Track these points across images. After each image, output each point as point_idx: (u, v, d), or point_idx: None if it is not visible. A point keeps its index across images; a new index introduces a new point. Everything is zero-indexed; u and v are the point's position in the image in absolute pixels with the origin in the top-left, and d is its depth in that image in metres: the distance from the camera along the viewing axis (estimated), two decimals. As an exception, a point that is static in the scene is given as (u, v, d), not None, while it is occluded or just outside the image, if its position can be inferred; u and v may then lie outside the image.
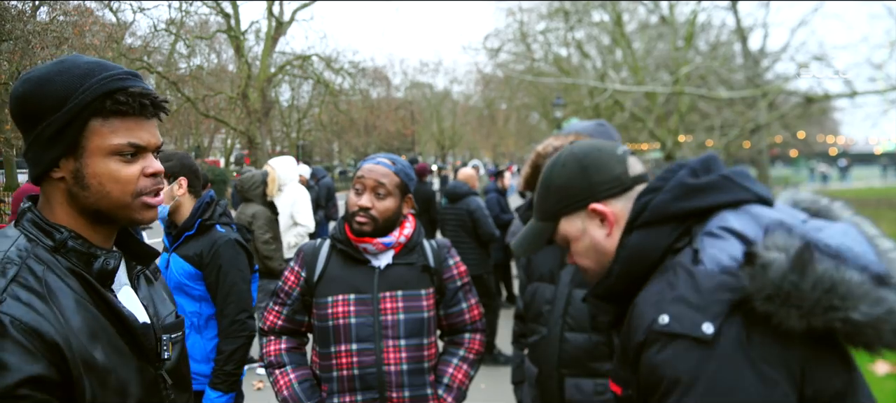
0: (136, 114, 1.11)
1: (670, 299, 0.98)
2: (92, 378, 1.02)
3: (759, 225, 1.02)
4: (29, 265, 1.03)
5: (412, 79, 41.54)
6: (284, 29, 25.86)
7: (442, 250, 2.21)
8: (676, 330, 0.95)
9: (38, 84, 1.08)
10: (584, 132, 2.11)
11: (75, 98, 1.06)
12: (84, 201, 1.10)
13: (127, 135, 1.10)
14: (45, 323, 0.98)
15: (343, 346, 2.05)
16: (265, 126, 26.36)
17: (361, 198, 2.07)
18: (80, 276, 1.07)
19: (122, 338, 1.10)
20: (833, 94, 13.86)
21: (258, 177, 5.78)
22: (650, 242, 1.09)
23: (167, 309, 1.29)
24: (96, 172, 1.09)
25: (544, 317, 2.07)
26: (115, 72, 1.10)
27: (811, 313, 0.90)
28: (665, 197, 1.10)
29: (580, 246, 1.24)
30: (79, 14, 16.57)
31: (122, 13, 21.22)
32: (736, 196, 1.08)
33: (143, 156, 1.13)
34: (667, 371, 0.94)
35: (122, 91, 1.08)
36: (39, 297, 1.00)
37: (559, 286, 2.05)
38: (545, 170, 1.31)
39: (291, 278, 2.18)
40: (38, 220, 1.10)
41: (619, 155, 1.26)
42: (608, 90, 16.81)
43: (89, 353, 1.02)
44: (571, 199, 1.23)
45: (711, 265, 0.99)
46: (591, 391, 1.98)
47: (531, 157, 2.16)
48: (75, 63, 1.10)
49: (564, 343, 2.00)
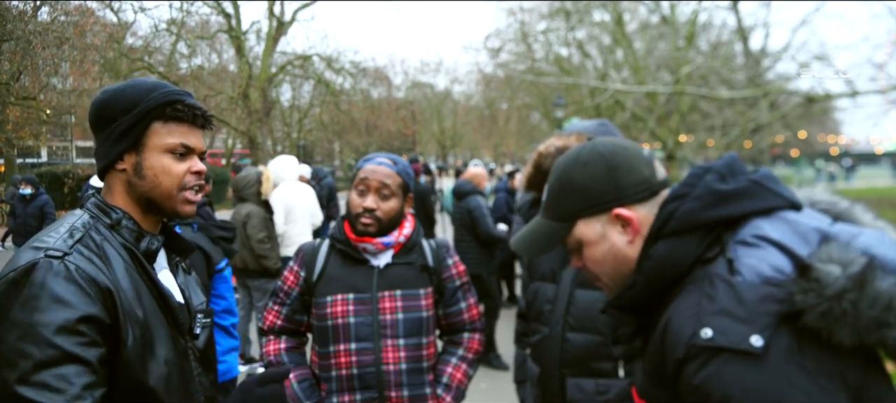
0: (190, 122, 1.34)
1: (712, 312, 0.93)
2: (134, 327, 1.20)
3: (796, 233, 0.98)
4: (91, 234, 1.24)
5: (413, 78, 41.56)
6: (285, 29, 25.88)
7: (441, 249, 2.21)
8: (722, 343, 0.90)
9: (114, 93, 1.32)
10: (587, 132, 2.11)
11: (144, 103, 1.30)
12: (140, 189, 1.32)
13: (180, 137, 1.33)
14: (101, 274, 1.18)
15: (342, 346, 2.05)
16: (266, 126, 26.37)
17: (366, 199, 2.07)
18: (129, 251, 1.28)
19: (160, 308, 1.28)
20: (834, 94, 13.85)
21: (252, 176, 5.78)
22: (678, 252, 1.04)
23: (199, 298, 1.47)
24: (152, 165, 1.31)
25: (546, 317, 2.07)
26: (174, 88, 1.35)
27: (865, 330, 0.87)
28: (694, 204, 1.04)
29: (596, 251, 1.16)
30: (80, 14, 16.58)
31: (123, 13, 21.25)
32: (769, 202, 1.04)
33: (190, 157, 1.35)
34: (715, 388, 0.89)
35: (180, 102, 1.32)
36: (98, 257, 1.21)
37: (561, 285, 2.05)
38: (562, 167, 1.21)
39: (291, 278, 2.18)
40: (100, 203, 1.32)
41: (646, 157, 1.19)
42: (609, 90, 16.80)
43: (133, 308, 1.21)
44: (594, 201, 1.15)
45: (751, 276, 0.94)
46: (593, 390, 1.97)
47: (533, 157, 2.15)
48: (145, 80, 1.37)
49: (566, 342, 2.00)
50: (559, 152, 2.05)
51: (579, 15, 19.93)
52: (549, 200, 1.23)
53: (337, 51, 29.22)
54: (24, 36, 13.66)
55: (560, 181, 1.20)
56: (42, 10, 15.68)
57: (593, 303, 1.99)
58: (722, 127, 17.86)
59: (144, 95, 1.31)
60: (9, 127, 16.70)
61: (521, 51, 24.58)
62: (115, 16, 20.66)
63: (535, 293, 2.14)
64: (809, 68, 15.38)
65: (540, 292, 2.12)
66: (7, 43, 14.00)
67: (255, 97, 24.74)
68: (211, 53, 29.64)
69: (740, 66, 17.91)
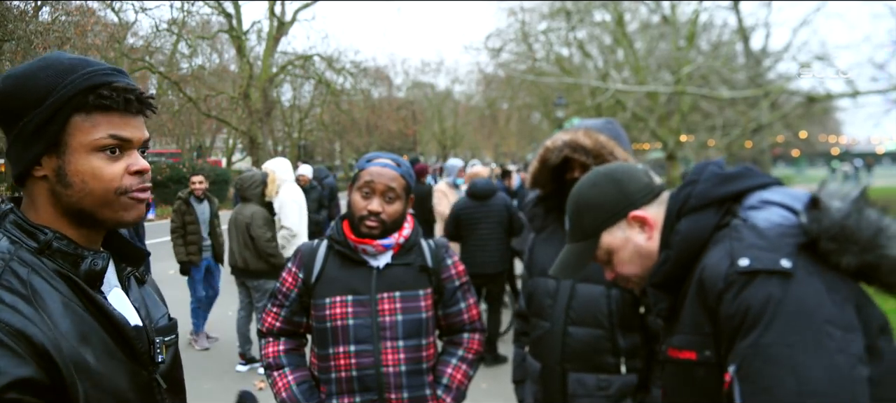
0: (121, 110, 1.07)
1: (744, 247, 1.11)
2: (84, 380, 0.98)
3: (791, 196, 1.19)
4: (12, 267, 0.99)
5: (414, 78, 41.57)
6: (286, 29, 25.89)
7: (440, 250, 2.20)
8: (757, 267, 1.07)
9: (20, 79, 1.05)
10: (594, 128, 2.10)
11: (57, 92, 1.03)
12: (67, 200, 1.06)
13: (110, 128, 1.06)
14: (31, 325, 0.94)
15: (341, 348, 2.04)
16: (267, 126, 26.38)
17: (371, 202, 2.06)
18: (67, 278, 1.04)
19: (114, 341, 1.07)
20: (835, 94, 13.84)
21: (258, 177, 5.80)
22: (700, 224, 1.23)
23: (160, 311, 1.25)
24: (79, 170, 1.05)
25: (546, 311, 2.07)
26: (98, 67, 1.07)
27: (865, 250, 1.06)
28: (705, 185, 1.26)
29: (624, 254, 1.35)
30: (81, 14, 16.58)
31: (123, 13, 21.26)
32: (763, 180, 1.26)
33: (128, 153, 1.09)
34: (754, 300, 1.06)
35: (105, 86, 1.05)
36: (25, 300, 0.96)
37: (561, 280, 2.04)
38: (575, 196, 1.42)
39: (289, 279, 2.17)
40: (20, 221, 1.06)
41: (642, 168, 1.42)
42: (610, 90, 16.80)
43: (80, 356, 0.98)
44: (611, 212, 1.36)
45: (765, 224, 1.14)
46: (594, 385, 1.97)
47: (540, 152, 2.14)
48: (58, 59, 1.07)
49: (567, 337, 2.00)
50: (566, 146, 2.04)
51: (580, 15, 19.93)
52: (573, 226, 1.43)
53: (338, 51, 29.28)
54: (25, 36, 13.67)
55: (577, 206, 1.41)
56: (43, 10, 15.70)
57: (595, 297, 2.00)
58: (723, 127, 17.86)
59: (58, 81, 1.03)
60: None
61: (522, 51, 24.58)
62: (116, 16, 20.68)
63: (534, 288, 2.15)
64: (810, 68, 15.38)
65: (539, 287, 2.12)
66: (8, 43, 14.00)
67: (256, 97, 24.74)
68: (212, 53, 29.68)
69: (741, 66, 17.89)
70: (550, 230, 2.20)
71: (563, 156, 2.05)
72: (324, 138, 37.54)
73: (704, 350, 1.16)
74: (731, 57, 18.86)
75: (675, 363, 1.24)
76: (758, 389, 1.04)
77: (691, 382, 1.20)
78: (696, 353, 1.18)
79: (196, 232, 6.36)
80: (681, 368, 1.22)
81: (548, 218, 2.21)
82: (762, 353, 1.04)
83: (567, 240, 1.46)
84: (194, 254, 6.35)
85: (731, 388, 1.08)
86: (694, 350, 1.19)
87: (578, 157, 2.02)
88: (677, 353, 1.23)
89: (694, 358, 1.18)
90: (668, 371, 1.29)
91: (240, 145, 33.56)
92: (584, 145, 2.02)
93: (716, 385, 1.14)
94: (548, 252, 2.11)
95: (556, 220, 2.18)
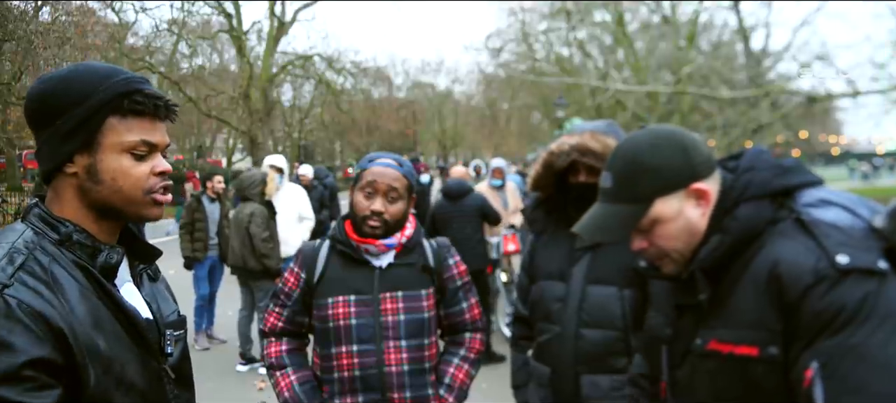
0: (151, 115, 1.16)
1: (837, 244, 1.09)
2: (96, 365, 1.04)
3: (846, 198, 1.19)
4: (35, 255, 1.06)
5: (414, 78, 41.64)
6: (286, 29, 25.90)
7: (442, 249, 2.20)
8: (858, 265, 1.06)
9: (60, 81, 1.13)
10: (596, 131, 2.09)
11: (97, 95, 1.11)
12: (96, 196, 1.14)
13: (141, 134, 1.14)
14: (50, 308, 1.00)
15: (344, 347, 2.04)
16: (267, 126, 26.40)
17: (374, 202, 2.06)
18: (84, 269, 1.10)
19: (126, 331, 1.13)
20: (835, 94, 13.85)
21: (257, 176, 5.83)
22: (759, 214, 1.20)
23: (170, 308, 1.31)
24: (110, 168, 1.13)
25: (556, 315, 2.04)
26: (132, 75, 1.16)
27: None
28: (766, 174, 1.23)
29: (672, 228, 1.25)
30: (81, 14, 16.60)
31: (124, 13, 21.27)
32: (814, 178, 1.25)
33: (153, 155, 1.18)
34: (849, 298, 1.04)
35: (139, 92, 1.14)
36: (45, 285, 1.03)
37: (572, 282, 2.02)
38: (630, 152, 1.29)
39: (291, 279, 2.17)
40: (44, 215, 1.13)
41: (700, 137, 1.33)
42: (610, 90, 16.81)
43: (93, 341, 1.04)
44: (674, 178, 1.24)
45: (844, 224, 1.13)
46: (608, 387, 1.95)
47: (544, 156, 2.11)
48: (95, 65, 1.17)
49: (580, 340, 1.98)
50: (574, 150, 2.02)
51: (580, 15, 19.95)
52: (620, 184, 1.29)
53: (338, 51, 29.26)
54: (25, 36, 13.69)
55: (633, 166, 1.27)
56: (43, 11, 15.71)
57: (608, 299, 1.97)
58: (723, 127, 17.87)
59: (97, 85, 1.12)
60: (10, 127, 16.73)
61: (522, 51, 24.60)
62: (116, 16, 20.70)
63: (541, 293, 2.12)
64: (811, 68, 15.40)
65: (546, 291, 2.09)
66: (8, 43, 14.03)
67: (257, 97, 24.75)
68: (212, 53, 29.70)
69: (741, 66, 17.91)
70: (552, 233, 2.19)
71: (570, 160, 2.04)
72: (324, 138, 37.56)
73: (769, 346, 1.13)
74: (732, 57, 18.87)
75: (721, 357, 1.19)
76: (847, 389, 1.01)
77: (744, 379, 1.16)
78: (758, 349, 1.14)
79: (203, 230, 6.51)
80: (730, 364, 1.18)
81: (549, 221, 2.20)
82: (854, 352, 1.02)
83: (605, 200, 1.32)
84: (199, 251, 6.49)
85: (811, 387, 1.05)
86: (756, 345, 1.14)
87: (586, 161, 2.00)
88: (730, 348, 1.18)
89: (755, 355, 1.14)
90: (706, 367, 1.23)
91: (240, 145, 33.59)
92: (592, 149, 2.00)
93: (775, 384, 1.11)
94: (551, 256, 2.10)
95: (556, 223, 2.17)
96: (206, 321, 6.71)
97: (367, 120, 30.73)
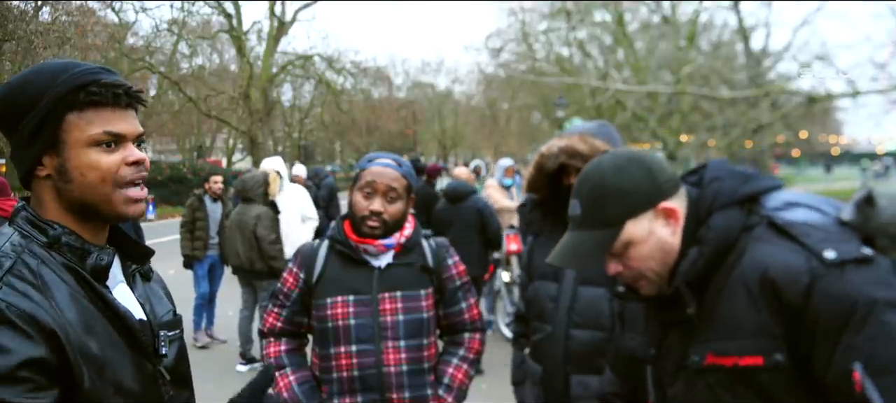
0: (111, 105, 1.12)
1: (818, 241, 1.11)
2: (89, 366, 1.03)
3: (809, 198, 1.23)
4: (24, 259, 1.04)
5: (414, 78, 41.66)
6: (286, 29, 25.92)
7: (441, 250, 2.21)
8: (847, 257, 1.08)
9: (17, 85, 1.11)
10: (587, 132, 2.10)
11: (50, 92, 1.08)
12: (70, 195, 1.11)
13: (103, 125, 1.10)
14: (41, 310, 0.99)
15: (343, 348, 2.05)
16: (267, 126, 26.41)
17: (373, 202, 2.06)
18: (74, 271, 1.09)
19: (119, 334, 1.11)
20: (835, 94, 13.86)
21: (259, 177, 5.81)
22: (732, 221, 1.22)
23: (165, 308, 1.28)
24: (78, 164, 1.10)
25: (548, 315, 2.06)
26: (86, 67, 1.13)
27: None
28: (732, 182, 1.26)
29: (644, 248, 1.25)
30: (81, 14, 16.61)
31: (124, 13, 21.29)
32: (775, 182, 1.29)
33: (123, 145, 1.13)
34: (855, 291, 1.06)
35: (94, 83, 1.10)
36: (35, 288, 1.01)
37: (563, 283, 2.05)
38: (595, 178, 1.29)
39: (290, 279, 2.18)
40: (31, 218, 1.11)
41: (661, 157, 1.38)
42: (610, 90, 16.81)
43: (85, 344, 1.03)
44: (641, 200, 1.25)
45: (815, 221, 1.16)
46: (597, 387, 1.97)
47: (535, 158, 2.14)
48: (49, 64, 1.14)
49: (570, 340, 2.00)
50: (562, 152, 2.04)
51: (580, 15, 19.95)
52: (589, 211, 1.28)
53: (338, 51, 29.25)
54: (25, 36, 13.70)
55: (600, 190, 1.27)
56: (43, 11, 15.72)
57: (597, 300, 2.00)
58: (723, 127, 17.88)
59: (50, 82, 1.09)
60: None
61: (522, 51, 24.61)
62: (116, 16, 20.71)
63: (535, 292, 2.14)
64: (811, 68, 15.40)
65: (541, 290, 2.12)
66: (8, 43, 14.03)
67: (257, 97, 24.75)
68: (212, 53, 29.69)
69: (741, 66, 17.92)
70: (549, 234, 2.20)
71: (559, 163, 2.06)
72: (324, 138, 37.58)
73: (774, 354, 1.12)
74: (732, 57, 18.88)
75: (723, 371, 1.17)
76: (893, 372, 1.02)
77: (750, 389, 1.15)
78: (762, 358, 1.13)
79: (203, 229, 6.53)
80: (732, 376, 1.16)
81: (545, 222, 2.22)
82: (888, 338, 1.03)
83: (575, 227, 1.31)
84: (198, 250, 6.52)
85: (863, 391, 1.03)
86: (760, 354, 1.13)
87: (575, 163, 2.02)
88: (733, 360, 1.16)
89: (761, 364, 1.13)
90: (706, 382, 1.21)
91: (240, 145, 33.60)
92: (580, 151, 2.02)
93: (782, 391, 1.12)
94: (546, 256, 2.11)
95: (553, 224, 2.18)
96: (206, 320, 6.72)
97: (367, 120, 30.74)
